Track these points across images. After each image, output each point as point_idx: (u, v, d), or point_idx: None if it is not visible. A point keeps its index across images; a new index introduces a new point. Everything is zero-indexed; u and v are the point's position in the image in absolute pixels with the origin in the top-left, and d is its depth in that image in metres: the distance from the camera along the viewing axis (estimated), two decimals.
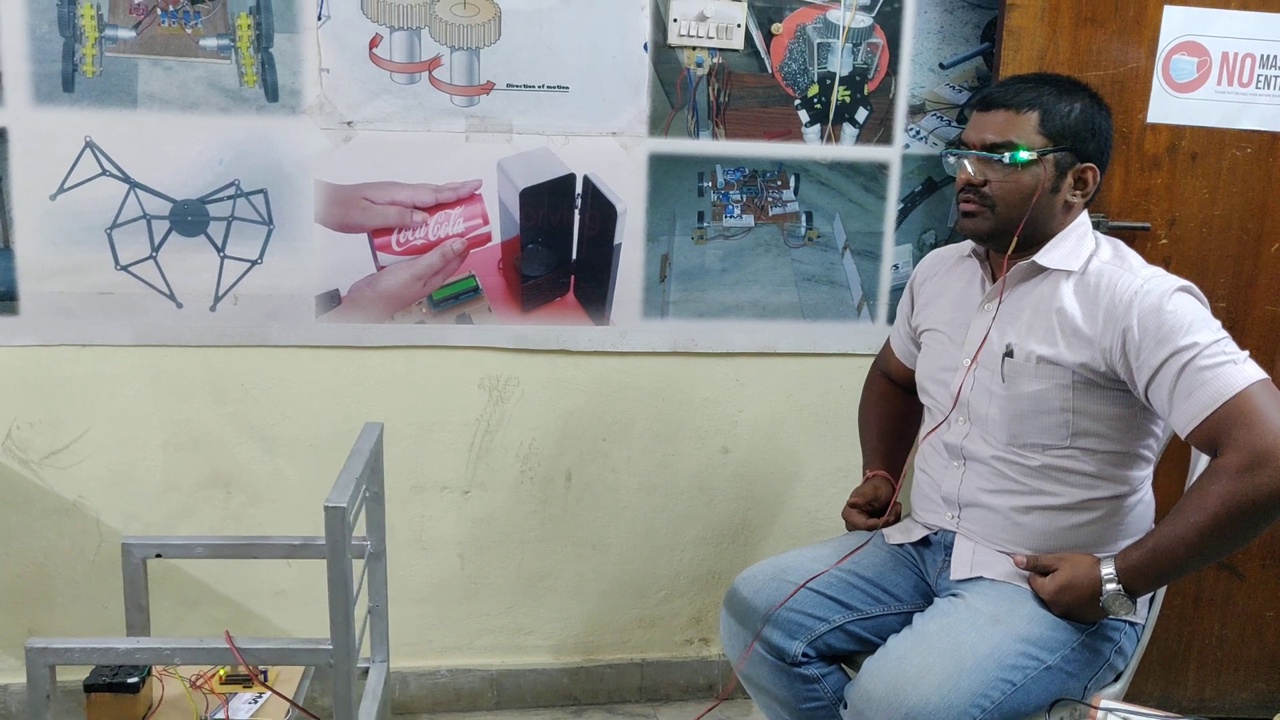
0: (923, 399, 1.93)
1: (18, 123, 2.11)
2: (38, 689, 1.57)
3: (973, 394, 1.78)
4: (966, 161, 1.73)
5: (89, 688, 1.75)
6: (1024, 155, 1.69)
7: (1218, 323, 1.62)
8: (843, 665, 1.82)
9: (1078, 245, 1.74)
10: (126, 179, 2.16)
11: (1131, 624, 1.74)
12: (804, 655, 1.76)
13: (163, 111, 2.15)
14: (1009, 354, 1.73)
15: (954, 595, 1.75)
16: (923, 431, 1.92)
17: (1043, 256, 1.73)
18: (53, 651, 1.56)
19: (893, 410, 2.10)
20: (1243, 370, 1.56)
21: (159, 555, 1.93)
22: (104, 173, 2.15)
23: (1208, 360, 1.56)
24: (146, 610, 1.93)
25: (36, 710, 1.57)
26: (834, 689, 1.78)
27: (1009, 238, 1.72)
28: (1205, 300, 1.66)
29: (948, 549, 1.83)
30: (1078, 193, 1.74)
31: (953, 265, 1.94)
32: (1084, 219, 1.77)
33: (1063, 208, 1.74)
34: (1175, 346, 1.58)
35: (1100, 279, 1.68)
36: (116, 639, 1.62)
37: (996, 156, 1.70)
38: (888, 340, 2.13)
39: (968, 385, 1.79)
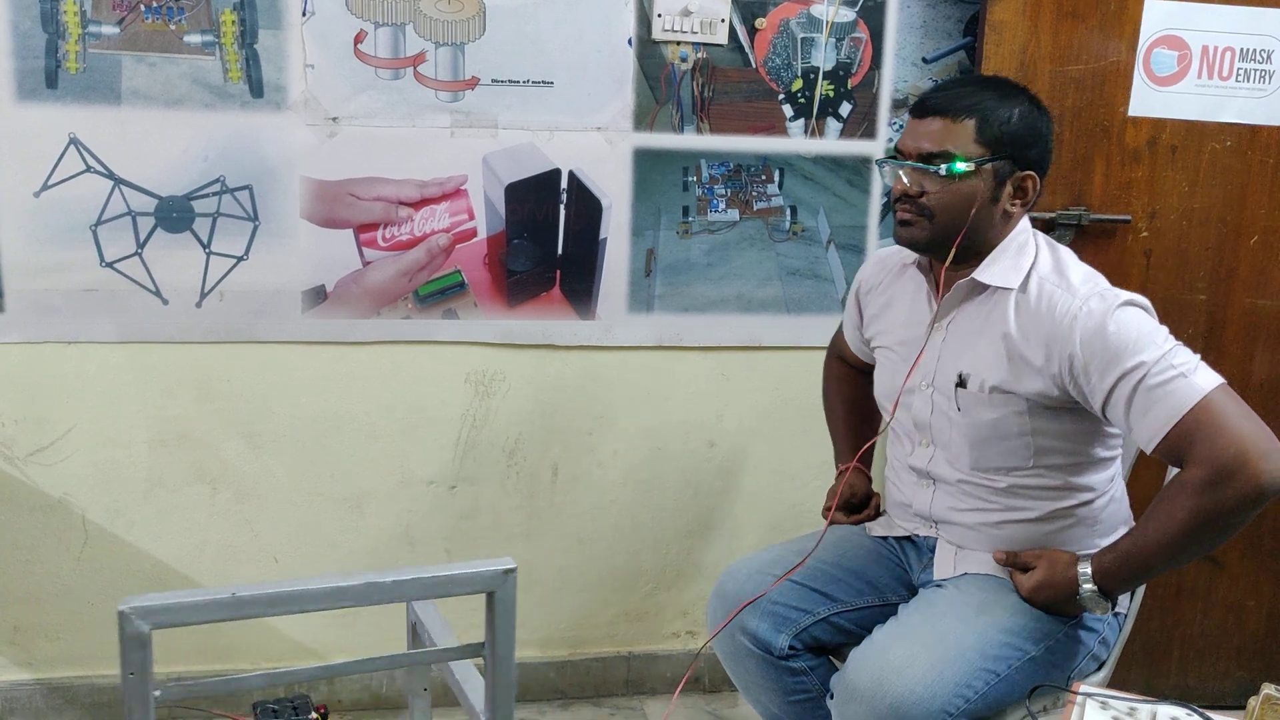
0: (883, 413, 1.89)
1: (1, 119, 2.10)
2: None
3: (933, 419, 1.76)
4: (902, 172, 1.67)
5: (256, 704, 1.87)
6: (961, 166, 1.62)
7: (1165, 330, 1.58)
8: (830, 657, 1.84)
9: (1017, 258, 1.69)
10: (111, 176, 2.16)
11: (1115, 614, 1.76)
12: (790, 648, 1.77)
13: (147, 108, 2.14)
14: (961, 384, 1.70)
15: (938, 586, 1.76)
16: (887, 446, 1.90)
17: (982, 273, 1.69)
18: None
19: (854, 394, 2.08)
20: (1193, 382, 1.52)
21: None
22: (88, 169, 2.15)
23: (1157, 378, 1.52)
24: None
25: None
26: (821, 681, 1.79)
27: (947, 248, 1.68)
28: (1150, 308, 1.62)
29: (931, 548, 1.83)
30: (1017, 202, 1.68)
31: (897, 275, 1.88)
32: (1024, 226, 1.72)
33: (1002, 217, 1.68)
34: (1122, 369, 1.54)
35: (1040, 300, 1.64)
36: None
37: (933, 168, 1.64)
38: (840, 327, 2.11)
39: (925, 410, 1.77)
